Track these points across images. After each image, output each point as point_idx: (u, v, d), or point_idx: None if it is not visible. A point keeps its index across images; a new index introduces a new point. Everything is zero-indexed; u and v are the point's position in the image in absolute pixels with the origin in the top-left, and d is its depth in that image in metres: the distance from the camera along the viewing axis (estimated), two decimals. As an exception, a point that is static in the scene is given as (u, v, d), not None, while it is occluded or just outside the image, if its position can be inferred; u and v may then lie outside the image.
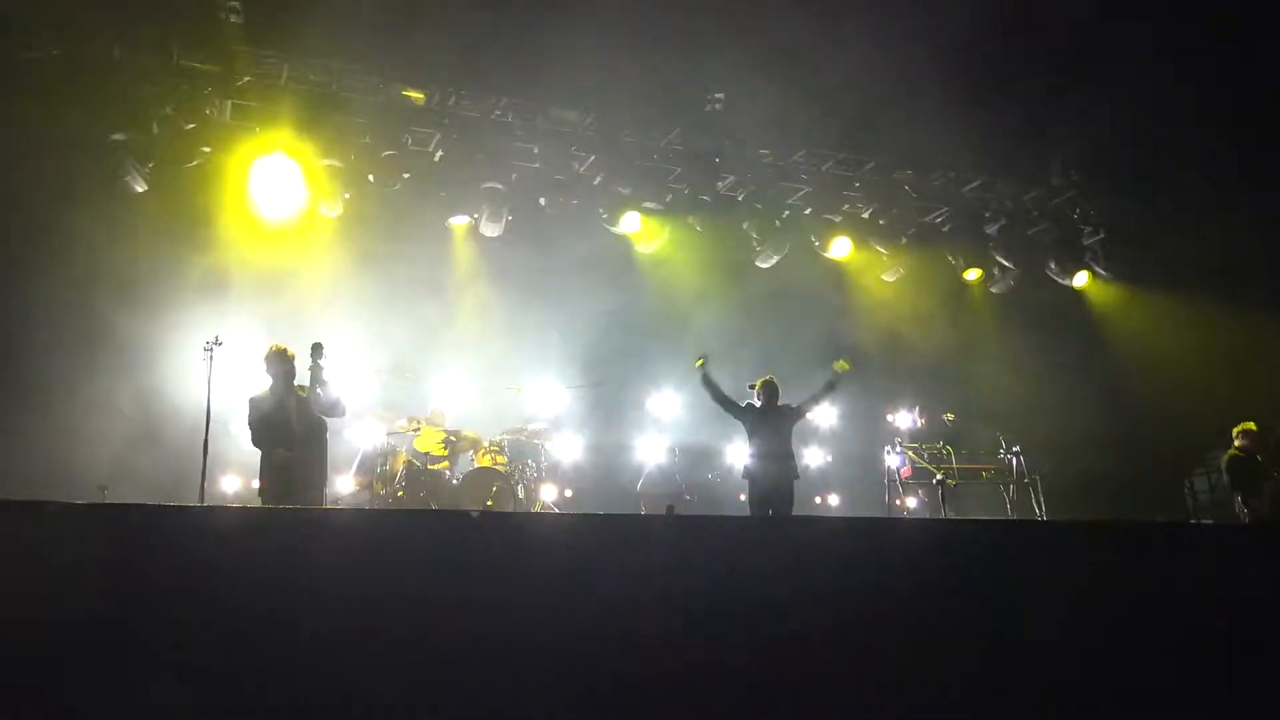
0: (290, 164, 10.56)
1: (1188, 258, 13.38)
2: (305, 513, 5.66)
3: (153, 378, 9.95)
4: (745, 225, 13.05)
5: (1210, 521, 14.17)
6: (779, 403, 9.52)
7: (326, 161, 10.88)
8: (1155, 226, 13.83)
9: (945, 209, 13.81)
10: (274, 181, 10.56)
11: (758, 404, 9.52)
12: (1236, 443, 10.69)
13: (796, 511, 11.36)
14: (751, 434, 9.50)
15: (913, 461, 11.56)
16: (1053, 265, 14.18)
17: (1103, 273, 14.17)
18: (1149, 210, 13.77)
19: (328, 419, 8.06)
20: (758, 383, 9.59)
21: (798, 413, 9.59)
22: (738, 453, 13.16)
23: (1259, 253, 12.97)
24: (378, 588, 4.04)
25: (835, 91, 10.76)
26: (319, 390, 7.89)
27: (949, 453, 11.74)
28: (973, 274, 14.15)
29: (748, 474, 9.45)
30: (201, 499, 7.16)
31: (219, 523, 4.36)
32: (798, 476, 9.45)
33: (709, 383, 9.57)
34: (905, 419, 13.09)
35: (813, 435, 14.16)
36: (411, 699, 3.88)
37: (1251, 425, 10.64)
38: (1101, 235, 14.10)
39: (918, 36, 10.11)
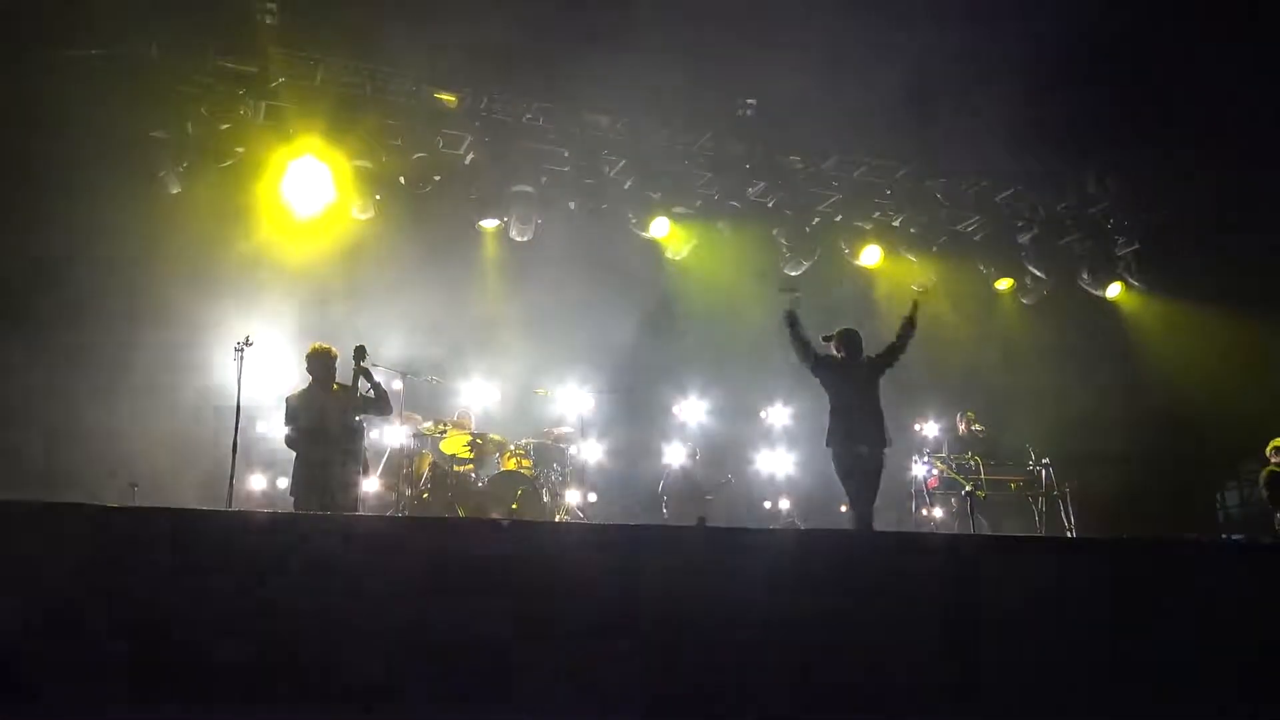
0: (321, 166, 10.59)
1: (1221, 270, 13.18)
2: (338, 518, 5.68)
3: (184, 377, 10.02)
4: (775, 232, 12.99)
5: (1240, 537, 14.04)
6: (862, 356, 8.36)
7: (358, 163, 10.92)
8: (1190, 238, 13.65)
9: (977, 217, 13.71)
10: (306, 183, 10.60)
11: (838, 356, 8.35)
12: (1274, 459, 10.57)
13: (823, 523, 11.26)
14: (832, 393, 8.28)
15: (940, 472, 11.47)
16: (1085, 276, 14.04)
17: (1136, 284, 14.02)
18: (1183, 221, 13.59)
19: (371, 419, 8.14)
20: (835, 333, 8.44)
21: (883, 365, 8.37)
22: (762, 457, 13.17)
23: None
24: (409, 597, 4.04)
25: (868, 98, 10.70)
26: (365, 391, 7.96)
27: (978, 463, 11.64)
28: (1004, 284, 14.03)
29: (831, 441, 8.19)
30: (229, 498, 7.19)
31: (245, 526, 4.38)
32: (889, 443, 8.21)
33: (794, 321, 8.36)
34: (933, 428, 12.99)
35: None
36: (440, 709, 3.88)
37: None
38: (1136, 246, 13.95)
39: (952, 44, 10.03)
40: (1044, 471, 11.78)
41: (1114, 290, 14.10)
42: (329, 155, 10.63)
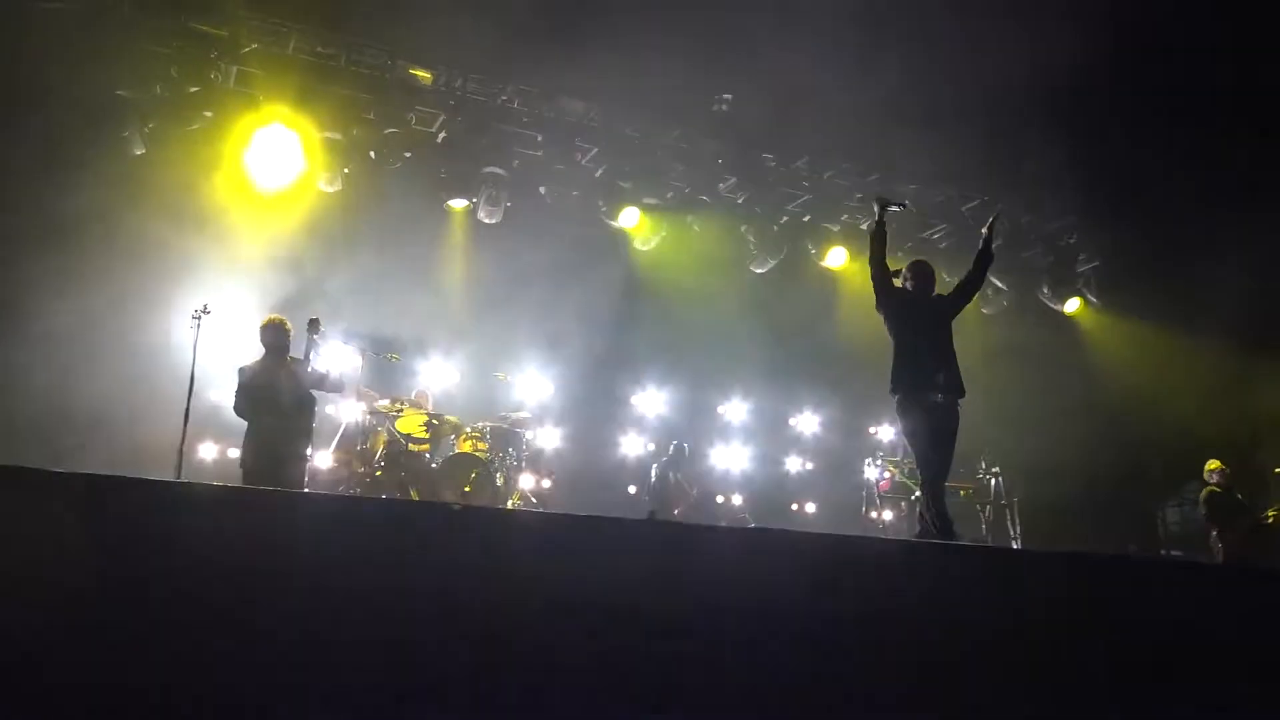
0: (290, 135, 10.48)
1: (1176, 291, 13.41)
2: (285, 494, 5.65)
3: (138, 339, 9.89)
4: (743, 228, 13.05)
5: (1179, 554, 14.34)
6: (934, 291, 7.31)
7: (327, 134, 10.83)
8: (1149, 258, 13.86)
9: (943, 226, 13.84)
10: (273, 152, 10.49)
11: (908, 289, 7.24)
12: (1212, 480, 10.82)
13: (773, 520, 11.30)
14: (898, 331, 7.14)
15: (892, 476, 11.61)
16: (1046, 290, 14.24)
17: (1094, 300, 14.24)
18: (1144, 242, 13.80)
19: (319, 393, 8.12)
20: (904, 265, 7.38)
21: (960, 300, 7.33)
22: (716, 452, 13.25)
23: (1243, 289, 13.05)
24: (350, 577, 4.03)
25: (842, 101, 10.77)
26: (318, 365, 7.95)
27: (929, 469, 11.76)
28: (965, 293, 14.17)
29: (897, 388, 7.03)
30: (179, 465, 7.13)
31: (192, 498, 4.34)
32: (963, 393, 7.02)
33: (881, 232, 7.32)
34: (888, 432, 13.15)
35: (794, 443, 14.24)
36: (373, 690, 3.88)
37: (1219, 463, 10.78)
38: (1096, 263, 14.16)
39: (927, 53, 10.12)
40: (993, 480, 11.96)
41: (1073, 305, 14.31)
42: (298, 124, 10.52)
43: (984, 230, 7.47)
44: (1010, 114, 10.62)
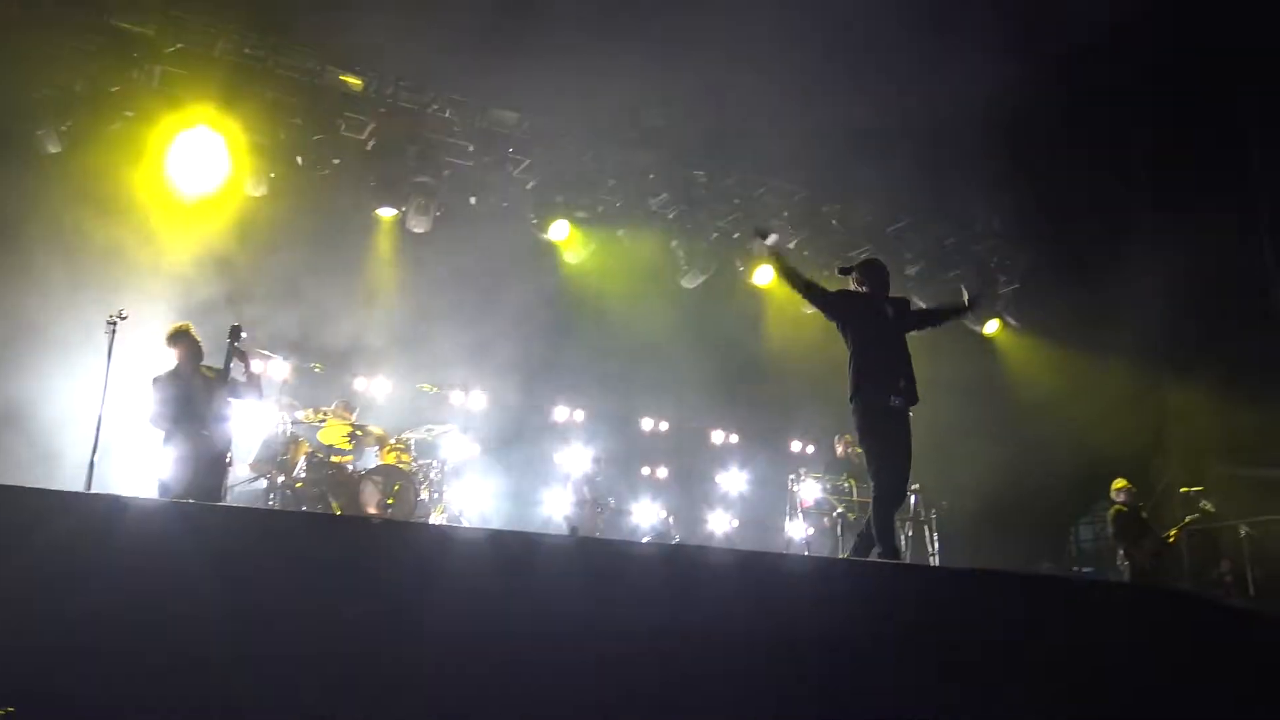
0: (215, 137, 10.27)
1: (1089, 313, 13.81)
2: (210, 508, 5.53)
3: (56, 344, 9.57)
4: (673, 244, 13.12)
5: (1090, 570, 14.77)
6: (888, 293, 7.12)
7: (253, 138, 10.62)
8: (1063, 281, 14.25)
9: (868, 247, 14.06)
10: (197, 154, 10.26)
11: (861, 291, 7.08)
12: (1119, 499, 11.16)
13: (696, 535, 11.32)
14: (853, 334, 6.95)
15: (815, 493, 11.72)
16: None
17: (1013, 322, 14.60)
18: (1060, 265, 14.20)
19: (240, 402, 7.98)
20: (856, 264, 7.29)
21: (913, 321, 7.21)
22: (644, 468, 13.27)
23: (1156, 312, 13.54)
24: (265, 592, 3.96)
25: (773, 120, 10.94)
26: (237, 374, 7.81)
27: (851, 485, 11.94)
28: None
29: (858, 393, 6.81)
30: (89, 479, 6.93)
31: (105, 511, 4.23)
32: (917, 400, 6.88)
33: (781, 262, 7.38)
34: (811, 449, 13.36)
35: (717, 457, 14.34)
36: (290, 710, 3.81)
37: (1125, 482, 11.13)
38: (1015, 286, 14.52)
39: (857, 76, 10.30)
40: (913, 497, 12.16)
41: (992, 327, 14.65)
42: (223, 127, 10.29)
43: (966, 300, 7.61)
44: (937, 138, 10.87)
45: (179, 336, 7.82)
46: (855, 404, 6.85)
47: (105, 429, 7.11)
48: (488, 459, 11.89)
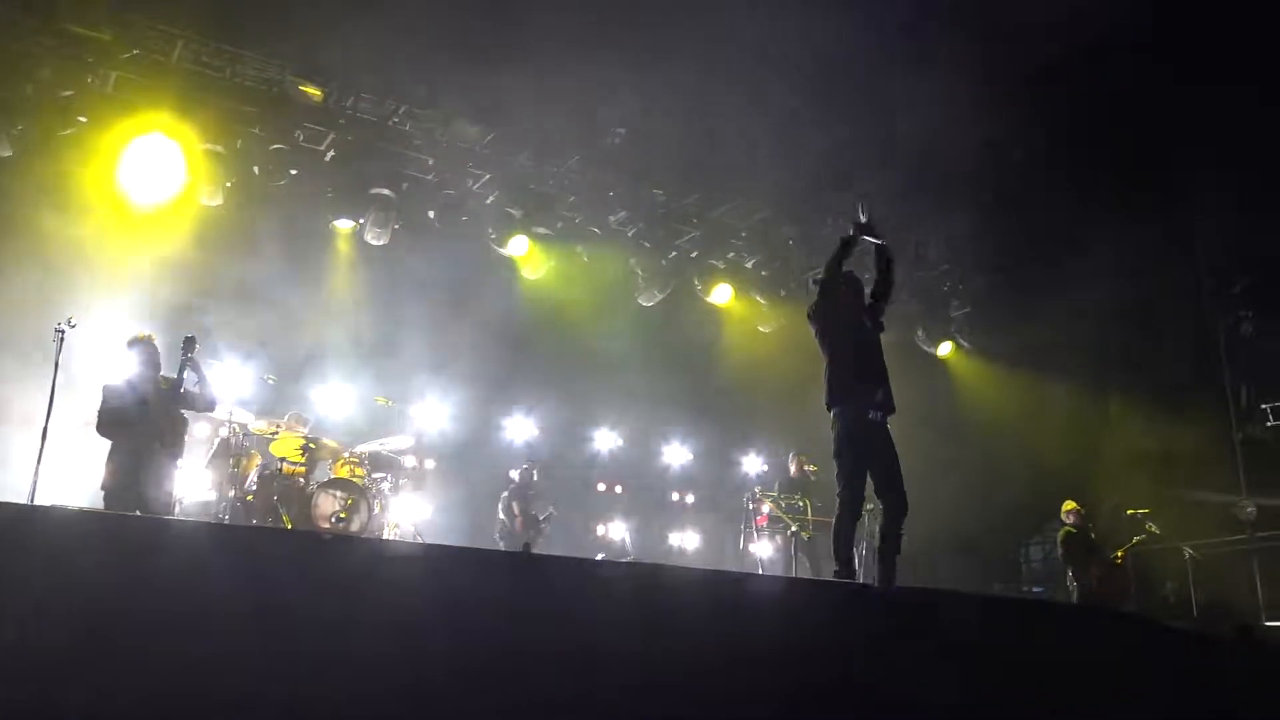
0: (170, 145, 10.13)
1: (1042, 339, 14.03)
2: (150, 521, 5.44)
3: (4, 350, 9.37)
4: (632, 261, 13.17)
5: (1040, 590, 14.96)
6: (864, 302, 7.07)
7: (210, 146, 10.51)
8: (1014, 306, 14.47)
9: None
10: (153, 161, 10.12)
11: (843, 301, 7.05)
12: (1068, 520, 11.34)
13: (653, 553, 11.32)
14: (833, 341, 6.96)
15: (770, 510, 11.78)
16: (920, 334, 14.73)
17: (965, 345, 14.81)
18: (1011, 291, 14.42)
19: (193, 413, 7.89)
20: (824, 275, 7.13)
21: (880, 309, 7.14)
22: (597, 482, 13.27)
23: (1102, 337, 13.80)
24: (215, 606, 3.90)
25: (733, 141, 11.02)
26: (191, 385, 7.73)
27: (805, 504, 12.01)
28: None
29: (834, 400, 6.83)
30: (33, 490, 6.78)
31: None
32: (894, 410, 6.88)
33: (848, 247, 7.05)
34: (765, 467, 13.42)
35: (673, 475, 14.38)
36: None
37: (1074, 503, 11.32)
38: (968, 309, 14.73)
39: (816, 99, 10.42)
40: (866, 517, 12.25)
41: (945, 349, 14.85)
42: (180, 134, 10.16)
43: (868, 240, 7.15)
44: (893, 164, 11.01)
45: (138, 344, 7.74)
46: (834, 414, 6.83)
47: (52, 437, 6.97)
48: (443, 473, 11.83)
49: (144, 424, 7.53)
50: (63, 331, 7.29)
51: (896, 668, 5.19)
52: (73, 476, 9.48)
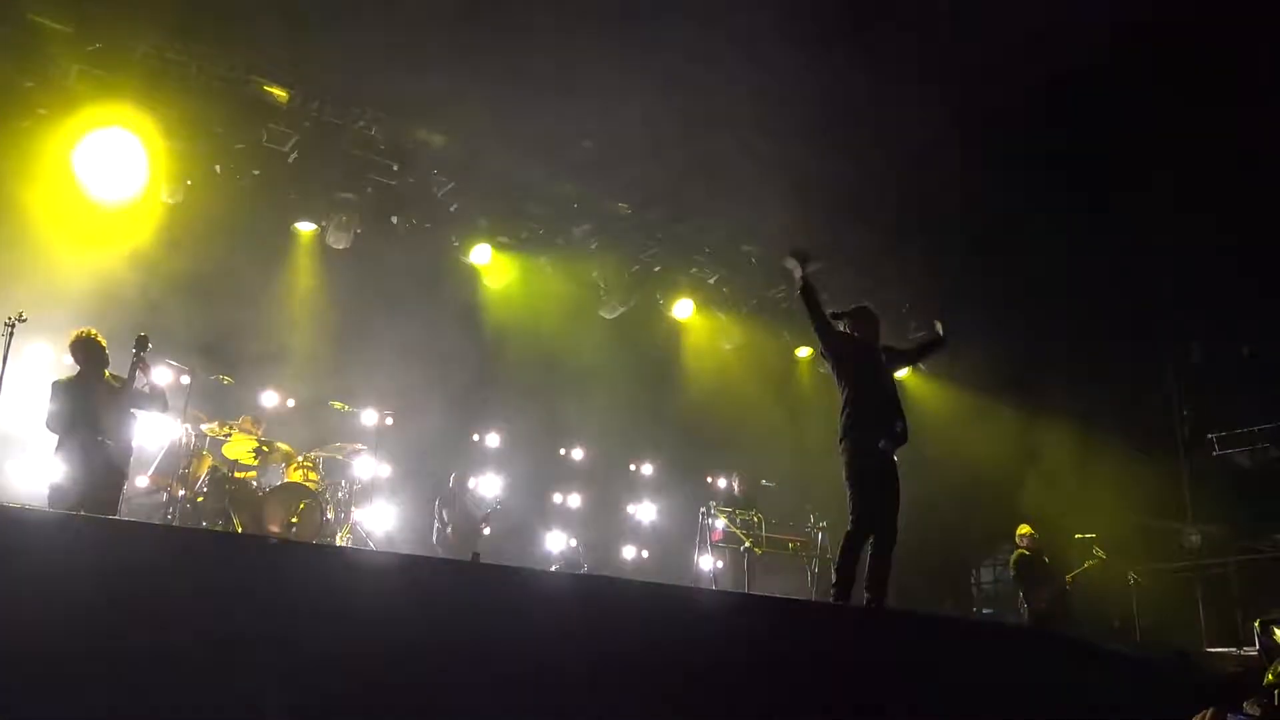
0: (131, 141, 9.99)
1: (994, 362, 14.18)
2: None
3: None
4: (595, 274, 13.19)
5: (990, 612, 15.12)
6: (879, 340, 7.33)
7: (172, 144, 10.39)
8: (968, 330, 14.61)
9: (784, 287, 14.26)
10: (112, 157, 9.98)
11: (853, 336, 7.24)
12: (1022, 543, 11.47)
13: (606, 566, 11.31)
14: (850, 378, 7.08)
15: (725, 526, 11.82)
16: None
17: (922, 369, 14.95)
18: (963, 313, 14.56)
19: (143, 413, 7.81)
20: (848, 309, 7.34)
21: (900, 360, 7.51)
22: (557, 494, 13.21)
23: (1053, 362, 14.01)
24: (161, 612, 3.84)
25: (699, 156, 11.08)
26: (141, 385, 7.65)
27: (759, 521, 12.05)
28: (804, 351, 14.71)
29: (849, 434, 6.93)
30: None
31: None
32: (906, 441, 7.07)
33: (809, 286, 7.18)
34: (723, 482, 13.46)
35: (632, 488, 14.38)
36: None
37: (1028, 527, 11.45)
38: (924, 334, 14.84)
39: (784, 116, 10.51)
40: (819, 534, 12.33)
41: (901, 372, 14.95)
42: (141, 130, 10.02)
43: (940, 332, 7.69)
44: (856, 184, 11.13)
45: (81, 342, 7.63)
46: (844, 445, 6.97)
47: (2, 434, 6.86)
48: (398, 480, 11.75)
49: (92, 423, 7.45)
50: (13, 326, 7.18)
51: (847, 685, 5.23)
52: (24, 473, 9.36)
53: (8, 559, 3.74)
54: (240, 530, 9.32)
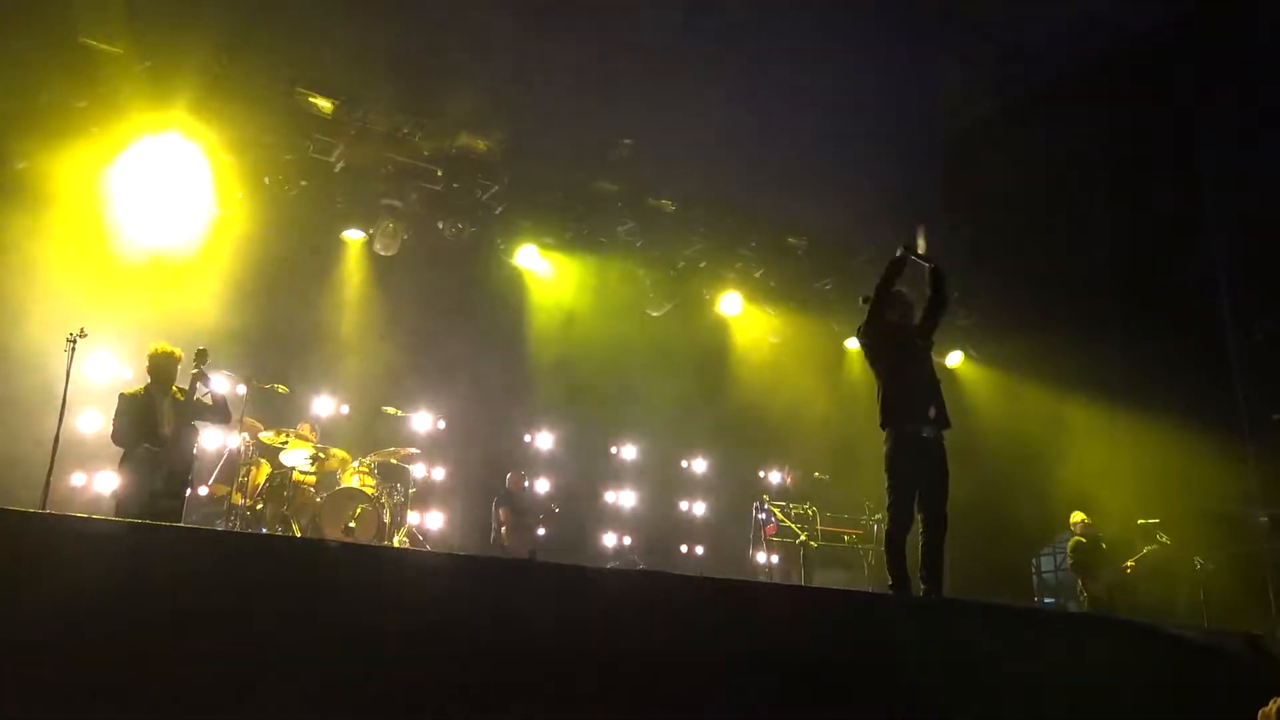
0: (183, 157, 10.19)
1: (1051, 347, 13.96)
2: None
3: (8, 360, 9.42)
4: (640, 271, 13.19)
5: (1051, 601, 14.88)
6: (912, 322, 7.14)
7: (221, 158, 10.57)
8: (1019, 316, 14.39)
9: (832, 279, 14.16)
10: (162, 173, 10.19)
11: (894, 320, 7.09)
12: (1077, 530, 11.30)
13: (662, 562, 11.32)
14: (888, 363, 7.04)
15: (778, 520, 11.77)
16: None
17: (975, 355, 14.77)
18: (1020, 299, 14.35)
19: (205, 425, 8.02)
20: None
21: (929, 333, 7.21)
22: (610, 493, 13.24)
23: (1112, 345, 13.74)
24: (227, 613, 3.92)
25: (740, 152, 11.06)
26: (202, 396, 7.88)
27: (814, 514, 12.00)
28: (853, 343, 14.57)
29: (891, 420, 6.87)
30: (44, 499, 6.83)
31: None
32: (950, 425, 6.98)
33: (899, 268, 7.07)
34: (776, 477, 13.41)
35: (686, 485, 14.36)
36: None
37: (1082, 514, 11.26)
38: (975, 319, 14.68)
39: (820, 109, 10.46)
40: (875, 526, 12.25)
41: (955, 359, 14.80)
42: (190, 147, 10.24)
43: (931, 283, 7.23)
44: (899, 173, 11.03)
45: (154, 358, 8.00)
46: (886, 431, 6.88)
47: (64, 446, 7.03)
48: (451, 483, 11.84)
49: (155, 434, 7.69)
50: (74, 341, 7.37)
51: (912, 677, 5.19)
52: (86, 485, 9.58)
53: (84, 567, 3.84)
54: (300, 536, 9.45)
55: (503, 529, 11.58)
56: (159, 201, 10.31)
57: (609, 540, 13.03)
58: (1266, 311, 13.14)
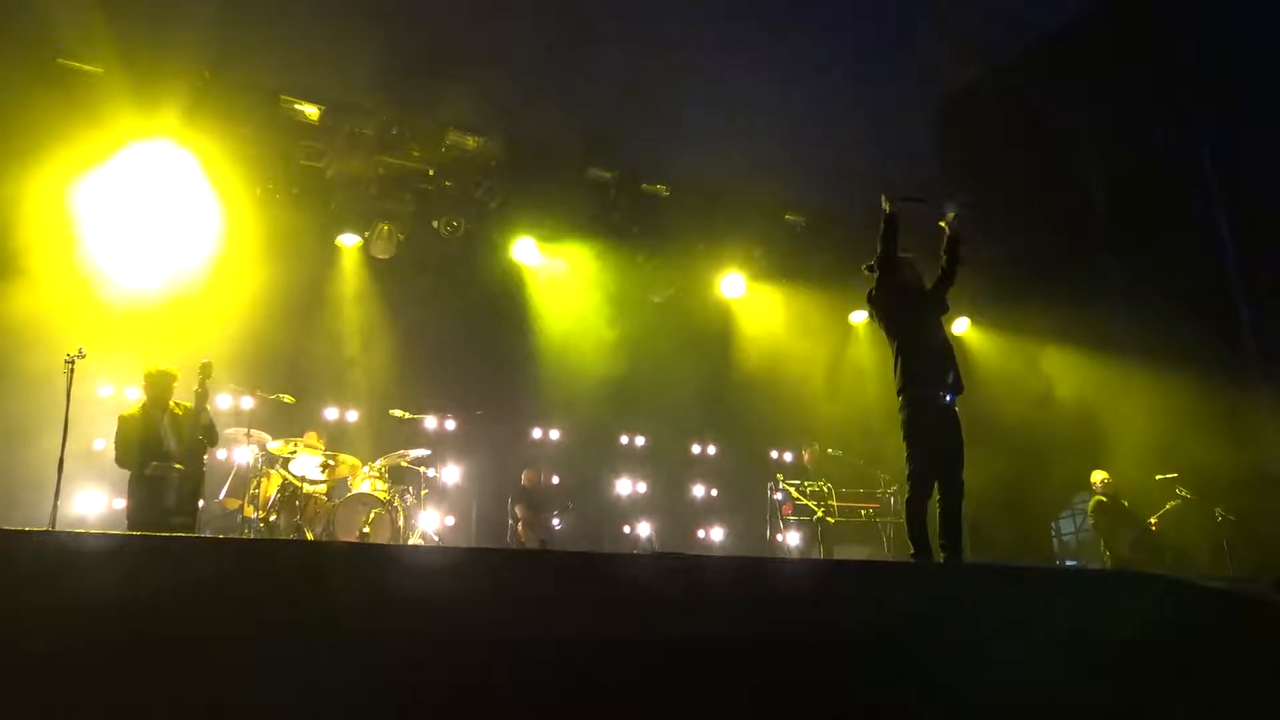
0: (170, 169, 10.14)
1: (1058, 308, 13.87)
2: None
3: (13, 380, 9.35)
4: (640, 257, 13.10)
5: (1074, 563, 14.80)
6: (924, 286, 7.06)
7: (211, 170, 10.50)
8: (1027, 277, 14.31)
9: (833, 254, 14.05)
10: (152, 186, 10.13)
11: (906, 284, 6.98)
12: (1098, 489, 11.21)
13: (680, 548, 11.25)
14: (902, 328, 6.96)
15: (794, 499, 11.71)
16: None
17: (982, 319, 14.66)
18: (1022, 260, 14.25)
19: (209, 438, 7.99)
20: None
21: (943, 294, 7.12)
22: (620, 483, 13.19)
23: (1124, 309, 13.63)
24: (245, 623, 3.85)
25: (738, 134, 10.98)
26: (207, 410, 7.86)
27: (829, 490, 11.93)
28: (857, 316, 14.49)
29: (908, 386, 6.78)
30: (53, 519, 6.78)
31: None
32: (963, 390, 6.90)
33: (894, 224, 6.92)
34: (789, 455, 13.34)
35: (697, 470, 14.31)
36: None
37: (1104, 472, 11.16)
38: (980, 283, 14.56)
39: (818, 82, 10.37)
40: (892, 498, 12.17)
41: (963, 325, 14.70)
42: (179, 159, 10.19)
43: (950, 238, 7.13)
44: (893, 137, 10.94)
45: (151, 378, 7.98)
46: (904, 398, 6.80)
47: (68, 466, 6.97)
48: (463, 483, 11.80)
49: (161, 452, 7.67)
50: (72, 361, 7.29)
51: (940, 641, 5.11)
52: (92, 505, 9.53)
53: (96, 584, 3.78)
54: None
55: (519, 525, 11.53)
56: (150, 216, 10.24)
57: (625, 530, 12.97)
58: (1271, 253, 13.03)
